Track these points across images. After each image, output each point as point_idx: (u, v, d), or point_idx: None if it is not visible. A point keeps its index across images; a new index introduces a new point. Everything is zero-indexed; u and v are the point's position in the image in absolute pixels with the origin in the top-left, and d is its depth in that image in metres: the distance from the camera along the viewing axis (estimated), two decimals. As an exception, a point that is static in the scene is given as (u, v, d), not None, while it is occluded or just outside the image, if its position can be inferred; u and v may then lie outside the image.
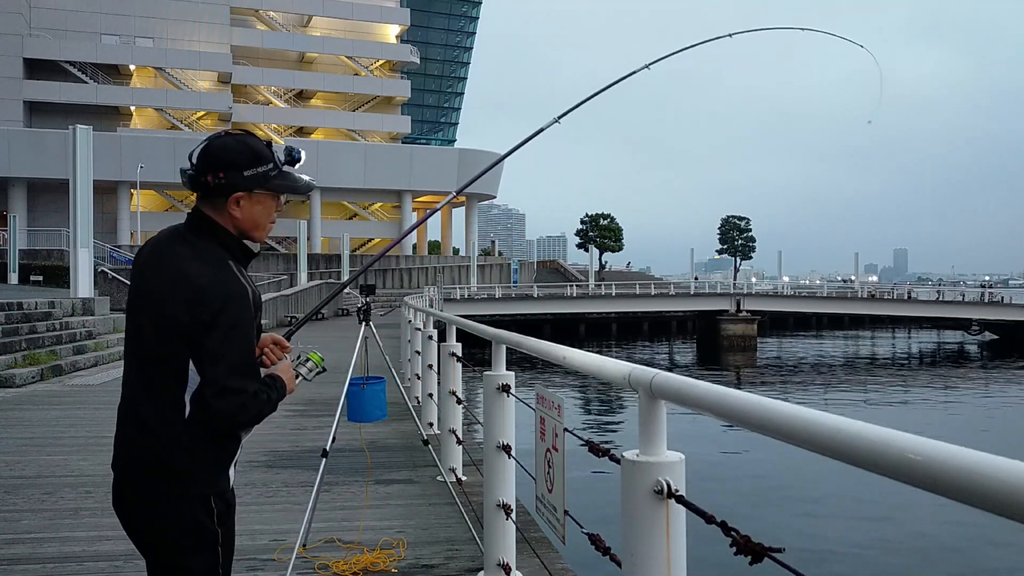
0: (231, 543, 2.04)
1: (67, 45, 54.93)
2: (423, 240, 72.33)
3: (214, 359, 1.86)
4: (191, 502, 1.93)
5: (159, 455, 1.92)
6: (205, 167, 1.95)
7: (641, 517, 1.61)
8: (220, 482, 1.99)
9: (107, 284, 27.71)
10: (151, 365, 1.95)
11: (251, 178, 1.96)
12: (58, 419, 8.11)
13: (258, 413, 1.94)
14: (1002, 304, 45.36)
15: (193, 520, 1.93)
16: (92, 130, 16.37)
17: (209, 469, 1.95)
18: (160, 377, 1.93)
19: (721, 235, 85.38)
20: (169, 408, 1.91)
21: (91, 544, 4.13)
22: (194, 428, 1.91)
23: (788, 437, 1.19)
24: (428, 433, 5.57)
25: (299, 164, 2.08)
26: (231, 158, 1.95)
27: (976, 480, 0.84)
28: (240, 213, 1.97)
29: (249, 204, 1.98)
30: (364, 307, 4.65)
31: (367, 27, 66.09)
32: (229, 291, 1.90)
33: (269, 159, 1.99)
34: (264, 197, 2.00)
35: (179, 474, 1.92)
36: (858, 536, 10.11)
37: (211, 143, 1.99)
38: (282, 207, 2.11)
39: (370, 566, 3.83)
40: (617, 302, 44.47)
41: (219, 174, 1.94)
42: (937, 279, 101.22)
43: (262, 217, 2.02)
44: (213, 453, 1.96)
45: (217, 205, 1.98)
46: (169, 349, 1.91)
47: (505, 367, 3.52)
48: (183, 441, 1.91)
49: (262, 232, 2.05)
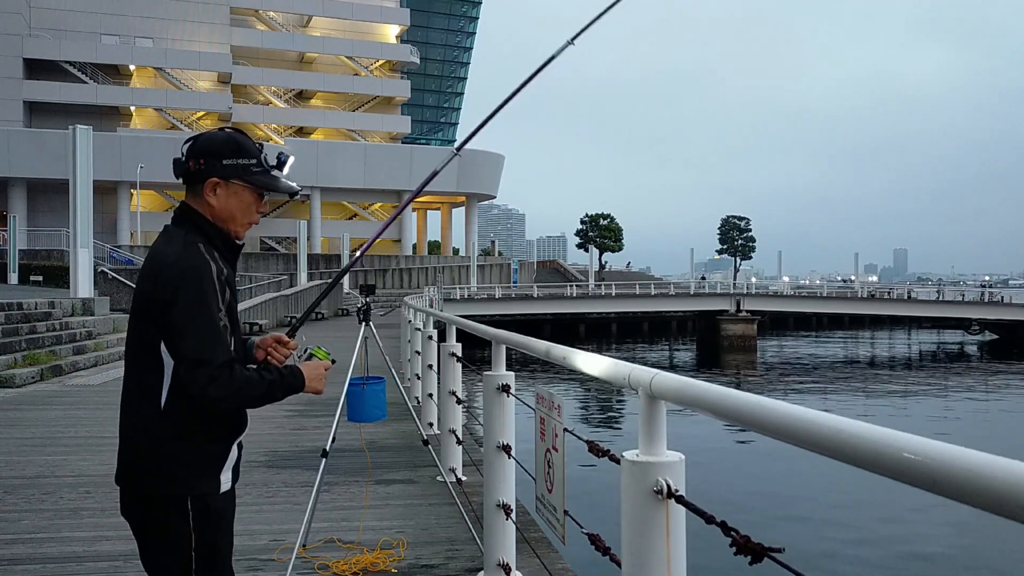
0: (213, 549, 1.98)
1: (67, 45, 54.92)
2: (423, 240, 72.34)
3: (180, 334, 1.87)
4: (163, 503, 1.92)
5: (138, 454, 1.94)
6: (190, 154, 2.01)
7: (641, 517, 1.61)
8: (200, 484, 1.95)
9: (107, 284, 27.70)
10: (133, 360, 1.98)
11: (229, 167, 1.99)
12: (58, 419, 8.12)
13: (237, 390, 1.90)
14: (1002, 304, 45.38)
15: (163, 521, 1.92)
16: (92, 130, 16.38)
17: (186, 469, 1.93)
18: (141, 373, 1.95)
19: (721, 235, 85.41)
20: (148, 405, 1.93)
21: (91, 544, 4.13)
22: (169, 425, 1.91)
23: (788, 437, 1.19)
24: (428, 433, 5.56)
25: (286, 168, 2.10)
26: (213, 147, 2.01)
27: (976, 480, 0.84)
28: (215, 201, 2.00)
29: (225, 193, 2.00)
30: (364, 307, 4.64)
31: (367, 27, 66.08)
32: (188, 265, 1.90)
33: (253, 155, 2.03)
34: (242, 190, 2.02)
35: (152, 473, 1.92)
36: (858, 536, 10.11)
37: (201, 135, 2.05)
38: (265, 208, 2.12)
39: (370, 566, 3.83)
40: (617, 302, 44.46)
41: (200, 160, 1.99)
42: (937, 279, 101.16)
43: (238, 210, 2.03)
44: (190, 453, 1.93)
45: (197, 192, 2.02)
46: (144, 336, 1.93)
47: (505, 367, 3.52)
48: (158, 438, 1.91)
49: (237, 226, 2.05)
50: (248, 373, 1.95)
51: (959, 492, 0.86)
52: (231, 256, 2.06)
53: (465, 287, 49.14)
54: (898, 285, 67.15)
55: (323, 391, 2.17)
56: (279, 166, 2.07)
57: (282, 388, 2.02)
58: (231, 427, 2.03)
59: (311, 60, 64.59)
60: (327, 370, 2.22)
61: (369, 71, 66.42)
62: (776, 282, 75.97)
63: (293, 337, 2.30)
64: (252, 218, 2.07)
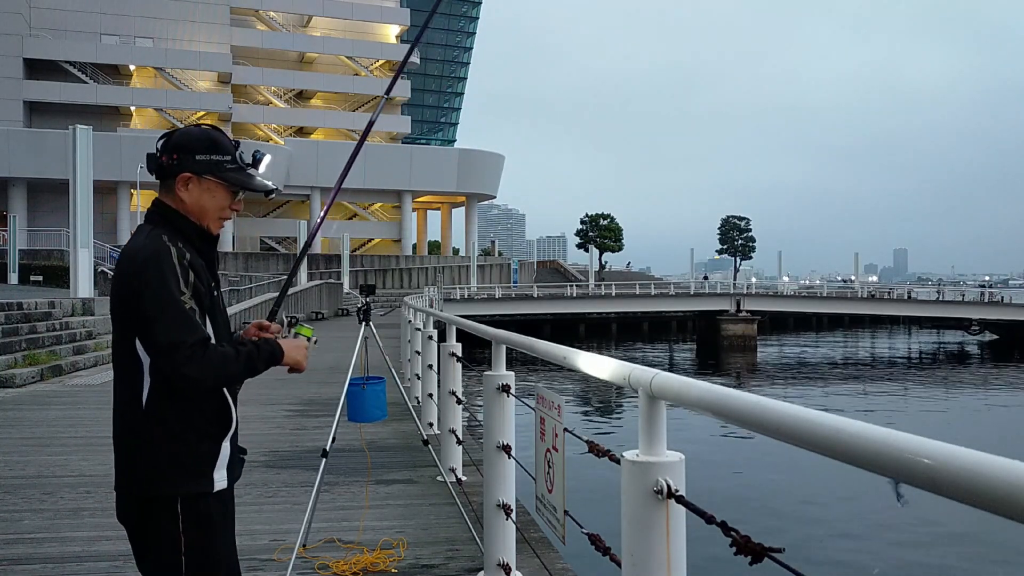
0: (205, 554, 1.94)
1: (67, 45, 54.89)
2: (423, 240, 72.35)
3: (149, 323, 1.85)
4: (154, 505, 1.91)
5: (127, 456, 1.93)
6: (164, 149, 2.01)
7: (641, 517, 1.61)
8: (190, 484, 1.92)
9: (107, 284, 27.64)
10: (116, 362, 1.97)
11: (202, 163, 1.98)
12: (58, 419, 8.11)
13: (216, 366, 1.87)
14: (1002, 304, 45.39)
15: (154, 525, 1.91)
16: (92, 130, 16.37)
17: (174, 468, 1.91)
18: (123, 375, 1.94)
19: (721, 235, 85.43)
20: (132, 406, 1.92)
21: (91, 544, 4.13)
22: (152, 424, 1.90)
23: (788, 437, 1.19)
24: (428, 433, 5.56)
25: (262, 167, 2.09)
26: (186, 142, 2.00)
27: (976, 480, 0.84)
28: (187, 196, 1.99)
29: (198, 189, 1.99)
30: (364, 307, 4.64)
31: (367, 27, 66.08)
32: (145, 255, 1.89)
33: (227, 151, 2.02)
34: (215, 187, 2.01)
35: (142, 475, 1.91)
36: (858, 536, 10.11)
37: (176, 130, 2.05)
38: (239, 206, 2.09)
39: (370, 566, 3.82)
40: (617, 302, 44.46)
41: (173, 155, 1.98)
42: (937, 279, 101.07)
43: (210, 205, 2.01)
44: (178, 452, 1.91)
45: (169, 187, 2.01)
46: (122, 336, 1.93)
47: (505, 367, 3.52)
48: (144, 439, 1.91)
49: (209, 221, 2.03)
50: (223, 349, 1.92)
51: (959, 492, 0.86)
52: (205, 247, 2.04)
53: (465, 287, 49.15)
54: (898, 285, 67.14)
55: (305, 367, 2.15)
56: (254, 164, 2.06)
57: (261, 359, 1.99)
58: (217, 424, 1.98)
59: (311, 60, 64.58)
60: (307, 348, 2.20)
61: (369, 71, 66.41)
62: (776, 282, 75.96)
63: (273, 321, 2.28)
64: (224, 214, 2.05)
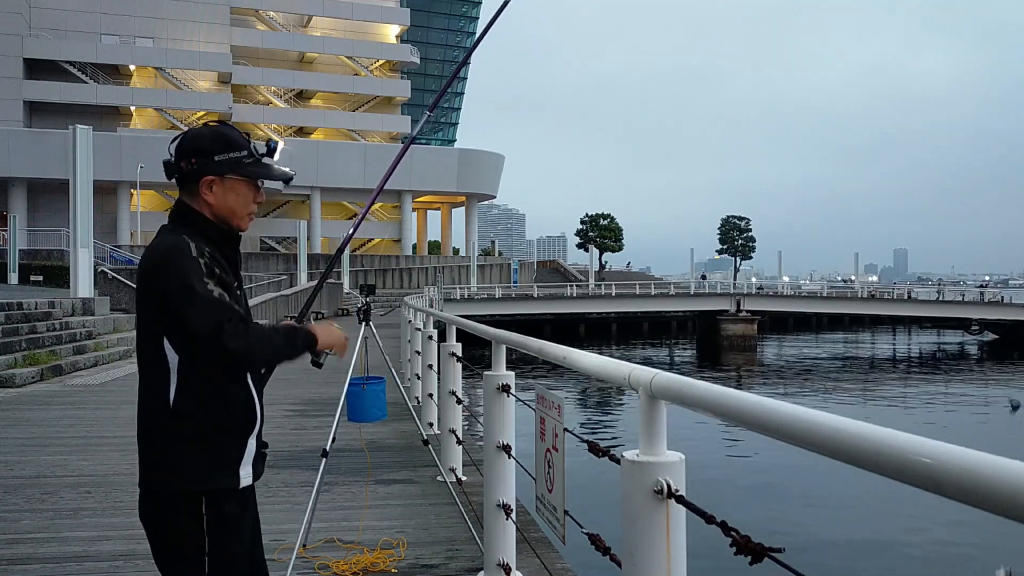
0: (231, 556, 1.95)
1: (67, 45, 54.91)
2: (423, 240, 72.32)
3: (183, 312, 1.85)
4: (176, 503, 1.90)
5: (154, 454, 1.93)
6: (179, 155, 2.00)
7: (641, 517, 1.61)
8: (217, 480, 1.93)
9: (107, 284, 27.64)
10: (142, 362, 1.98)
11: (222, 163, 1.99)
12: (58, 419, 8.11)
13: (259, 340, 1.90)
14: (1002, 304, 45.38)
15: (175, 522, 1.91)
16: (92, 130, 16.38)
17: (201, 465, 1.91)
18: (150, 373, 1.94)
19: (721, 235, 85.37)
20: (158, 404, 1.92)
21: (91, 544, 4.12)
22: (180, 422, 1.91)
23: (788, 437, 1.18)
24: (428, 433, 5.56)
25: (277, 155, 2.10)
26: (202, 145, 2.00)
27: (976, 480, 0.84)
28: (213, 199, 2.00)
29: (222, 190, 2.00)
30: (364, 307, 4.64)
31: (367, 27, 66.07)
32: (169, 245, 1.91)
33: (243, 147, 2.02)
34: (238, 184, 2.02)
35: (169, 471, 1.91)
36: (858, 536, 10.11)
37: (187, 133, 2.04)
38: (263, 197, 2.11)
39: (370, 566, 3.82)
40: (617, 302, 44.46)
41: (191, 160, 1.98)
42: (937, 279, 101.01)
43: (237, 204, 2.03)
44: (205, 449, 1.92)
45: (192, 192, 2.01)
46: (148, 335, 1.94)
47: (505, 367, 3.51)
48: (172, 437, 1.91)
49: (239, 220, 2.05)
50: (262, 325, 1.96)
51: (959, 492, 0.86)
52: (228, 248, 2.05)
53: (465, 287, 49.13)
54: (898, 285, 67.10)
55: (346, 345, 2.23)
56: (269, 153, 2.07)
57: (300, 337, 2.03)
58: (243, 420, 2.00)
59: (311, 60, 64.56)
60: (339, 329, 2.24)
61: (369, 71, 66.40)
62: (776, 282, 75.95)
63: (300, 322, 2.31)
64: (251, 209, 2.07)
